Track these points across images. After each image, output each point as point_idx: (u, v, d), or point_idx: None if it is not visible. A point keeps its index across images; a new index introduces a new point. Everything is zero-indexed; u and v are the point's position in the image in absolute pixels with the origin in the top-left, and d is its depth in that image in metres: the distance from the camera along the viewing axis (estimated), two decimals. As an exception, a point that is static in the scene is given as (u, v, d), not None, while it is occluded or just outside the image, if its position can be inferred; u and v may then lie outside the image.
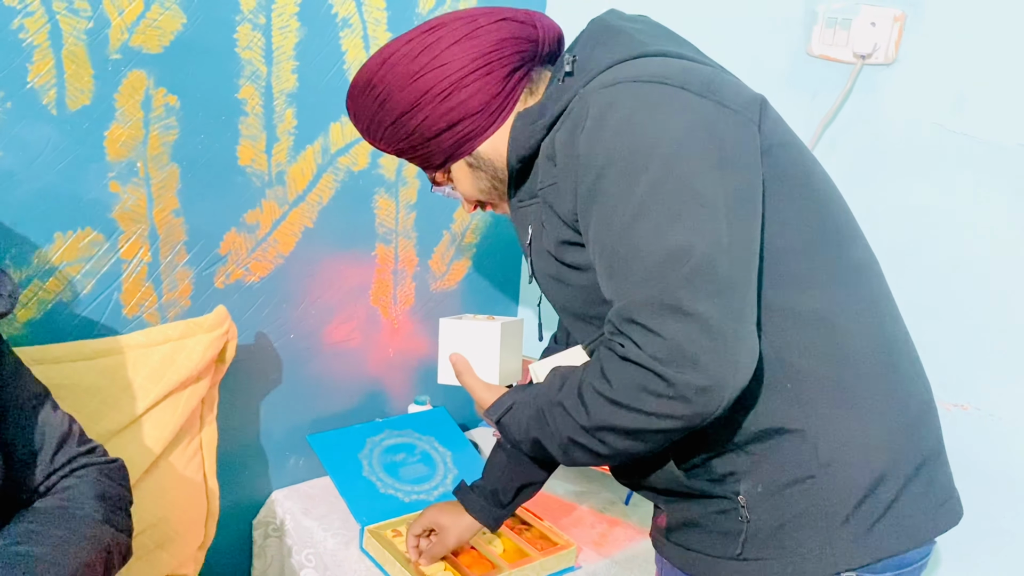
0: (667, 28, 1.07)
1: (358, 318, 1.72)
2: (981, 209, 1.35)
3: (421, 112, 1.00)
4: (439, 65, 0.99)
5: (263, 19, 1.43)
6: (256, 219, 1.52)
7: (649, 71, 0.92)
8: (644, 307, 0.84)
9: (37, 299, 1.32)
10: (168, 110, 1.37)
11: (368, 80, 1.03)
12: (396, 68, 1.00)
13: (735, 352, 0.83)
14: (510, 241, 1.95)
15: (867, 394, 0.94)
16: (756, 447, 0.94)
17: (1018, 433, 1.36)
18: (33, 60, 1.23)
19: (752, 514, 0.95)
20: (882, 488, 0.93)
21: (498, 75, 1.00)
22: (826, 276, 0.94)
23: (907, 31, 1.39)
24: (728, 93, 0.93)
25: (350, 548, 1.50)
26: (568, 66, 0.99)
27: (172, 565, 1.39)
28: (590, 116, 0.90)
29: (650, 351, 0.83)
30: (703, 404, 0.83)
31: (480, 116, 1.01)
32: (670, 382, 0.82)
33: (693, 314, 0.81)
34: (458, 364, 1.11)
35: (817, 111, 1.50)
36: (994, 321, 1.36)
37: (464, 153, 1.04)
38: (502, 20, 1.01)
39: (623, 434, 0.87)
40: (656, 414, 0.84)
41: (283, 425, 1.67)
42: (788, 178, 0.94)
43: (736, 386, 0.83)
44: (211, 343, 1.38)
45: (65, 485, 1.02)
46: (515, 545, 1.50)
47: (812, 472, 0.93)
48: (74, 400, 1.24)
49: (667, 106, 0.89)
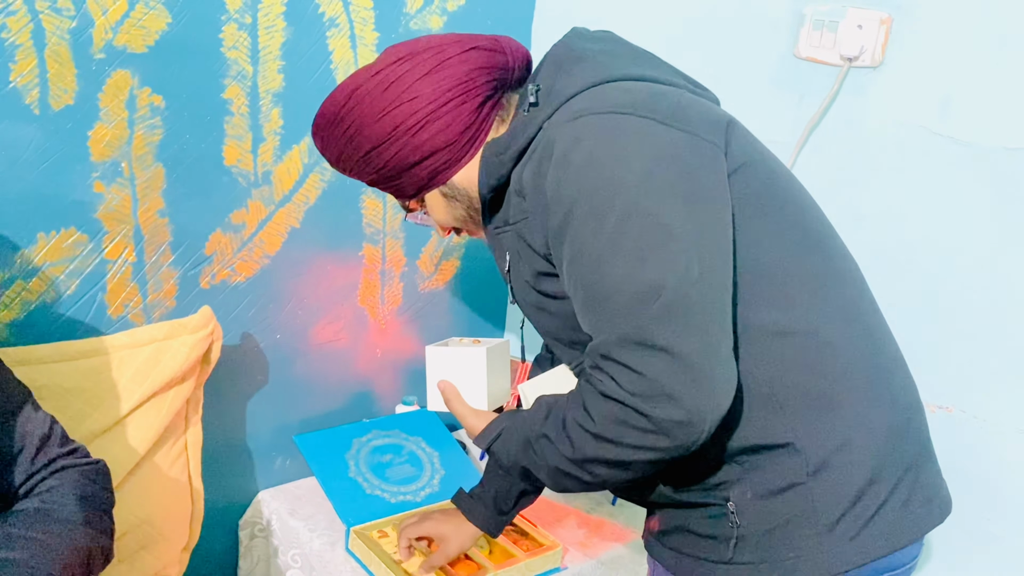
0: (630, 45, 1.07)
1: (345, 318, 1.72)
2: (966, 212, 1.36)
3: (393, 146, 1.00)
4: (409, 99, 0.98)
5: (249, 18, 1.43)
6: (242, 219, 1.52)
7: (612, 101, 0.93)
8: (620, 344, 0.85)
9: (20, 299, 1.31)
10: (153, 110, 1.36)
11: (335, 114, 1.02)
12: (364, 102, 0.99)
13: (712, 384, 0.84)
14: (498, 241, 1.95)
15: (853, 402, 0.95)
16: (745, 459, 0.95)
17: (1002, 435, 1.37)
18: (15, 59, 1.22)
19: (742, 519, 0.96)
20: (871, 491, 0.94)
21: (470, 106, 0.99)
22: (805, 290, 0.95)
23: (893, 34, 1.39)
24: (694, 118, 0.93)
25: (336, 549, 1.50)
26: (532, 96, 0.98)
27: (156, 566, 1.39)
28: (555, 153, 0.90)
29: (628, 387, 0.84)
30: (683, 436, 0.84)
31: (453, 147, 1.00)
32: (649, 417, 0.83)
33: (668, 350, 0.82)
34: (446, 391, 1.11)
35: (804, 113, 1.50)
36: (979, 324, 1.37)
37: (438, 183, 1.04)
38: (471, 50, 1.00)
39: (608, 465, 0.89)
40: (638, 447, 0.85)
41: (269, 425, 1.67)
42: (759, 196, 0.95)
43: (715, 417, 0.85)
44: (196, 344, 1.38)
45: (46, 487, 1.01)
46: (501, 546, 1.50)
47: (802, 479, 0.93)
48: (58, 401, 1.24)
49: (631, 138, 0.89)
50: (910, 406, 1.01)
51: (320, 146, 1.07)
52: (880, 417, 0.96)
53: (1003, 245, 1.33)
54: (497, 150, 0.99)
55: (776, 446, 0.93)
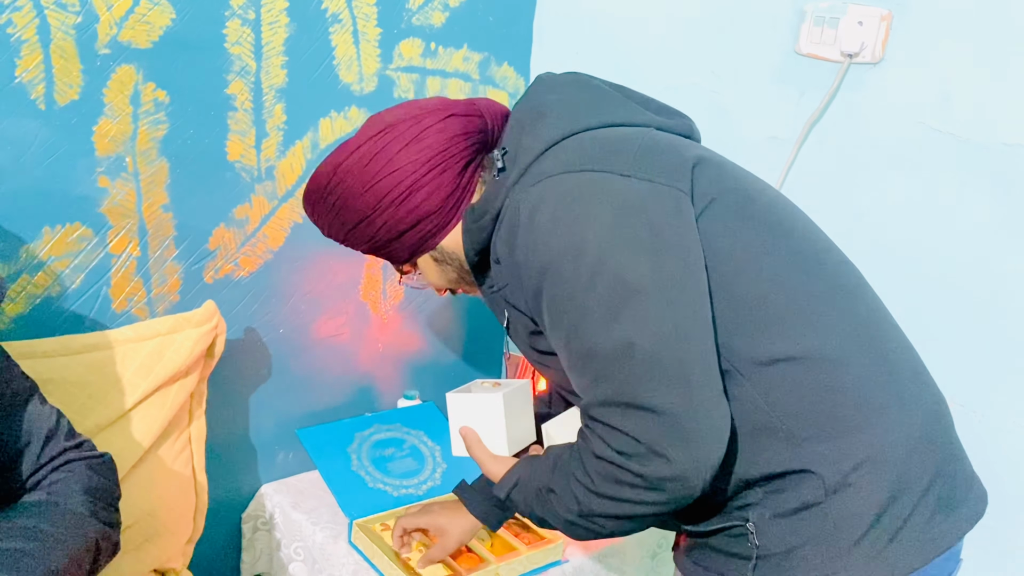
0: (595, 86, 1.07)
1: (347, 313, 1.72)
2: (965, 207, 1.37)
3: (380, 217, 1.02)
4: (391, 171, 1.00)
5: (252, 14, 1.43)
6: (245, 214, 1.52)
7: (571, 159, 0.94)
8: (603, 405, 0.87)
9: (26, 294, 1.32)
10: (157, 105, 1.37)
11: (322, 189, 1.05)
12: (348, 176, 1.02)
13: (699, 436, 0.84)
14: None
15: (869, 418, 0.93)
16: (763, 484, 0.94)
17: (1003, 430, 1.37)
18: (21, 55, 1.23)
19: (761, 539, 0.95)
20: (896, 506, 0.92)
21: (451, 173, 1.01)
22: (802, 314, 0.93)
23: (894, 30, 1.40)
24: (656, 165, 0.93)
25: (339, 542, 1.51)
26: (499, 162, 1.01)
27: (161, 559, 1.39)
28: (521, 220, 0.93)
29: (616, 447, 0.86)
30: (679, 490, 0.85)
31: (439, 214, 1.02)
32: (641, 476, 0.85)
33: (651, 408, 0.84)
34: (468, 437, 1.11)
35: (805, 109, 1.51)
36: (979, 318, 1.38)
37: (427, 249, 1.06)
38: (449, 117, 1.02)
39: (614, 518, 0.90)
40: (637, 502, 0.87)
41: (272, 419, 1.68)
42: (736, 228, 0.94)
43: (709, 466, 0.85)
44: (200, 338, 1.39)
45: (53, 480, 1.02)
46: (503, 539, 1.51)
47: (820, 500, 0.92)
48: (63, 395, 1.25)
49: (592, 196, 0.90)
50: (932, 413, 0.98)
51: (311, 217, 1.10)
52: (900, 431, 0.94)
53: (1003, 240, 1.34)
54: (474, 218, 1.01)
55: (791, 472, 0.92)
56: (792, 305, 0.93)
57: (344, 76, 1.57)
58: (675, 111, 1.10)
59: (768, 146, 1.55)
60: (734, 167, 1.02)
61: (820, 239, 1.02)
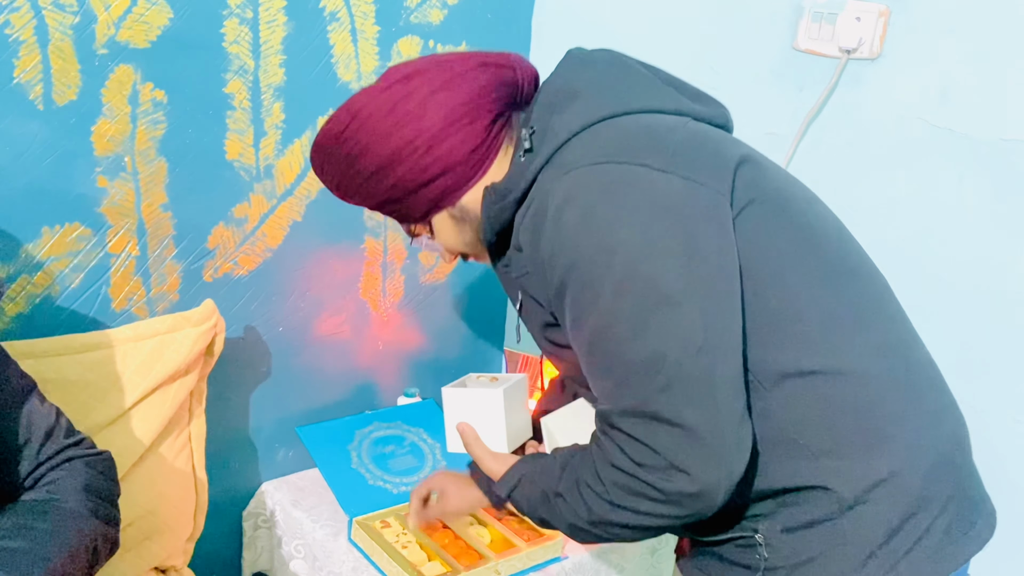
0: (630, 66, 0.99)
1: (347, 311, 1.73)
2: (964, 202, 1.36)
3: (400, 167, 0.95)
4: (417, 117, 0.93)
5: (250, 13, 1.43)
6: (244, 213, 1.53)
7: (606, 148, 0.88)
8: (625, 415, 0.83)
9: (26, 293, 1.33)
10: (155, 105, 1.37)
11: (339, 134, 0.97)
12: (369, 121, 0.94)
13: (722, 454, 0.82)
14: (499, 234, 1.96)
15: (891, 437, 0.90)
16: (775, 498, 0.92)
17: (999, 426, 1.38)
18: (19, 55, 1.23)
19: (770, 552, 0.92)
20: (911, 524, 0.90)
21: (480, 125, 0.94)
22: (831, 328, 0.89)
23: (891, 26, 1.40)
24: (696, 161, 0.88)
25: (339, 539, 1.52)
26: (527, 142, 0.94)
27: (161, 556, 1.40)
28: (549, 212, 0.87)
29: (637, 459, 0.83)
30: (697, 506, 0.83)
31: (463, 167, 0.95)
32: (660, 490, 0.82)
33: (675, 422, 0.81)
34: (465, 434, 1.07)
35: (803, 105, 1.50)
36: (976, 314, 1.38)
37: (446, 205, 0.99)
38: (481, 66, 0.96)
39: (624, 527, 0.88)
40: (652, 514, 0.85)
41: (272, 417, 1.68)
42: (778, 232, 0.90)
43: (729, 484, 0.83)
44: (199, 337, 1.39)
45: (52, 478, 1.03)
46: (502, 535, 1.52)
47: (833, 516, 0.89)
48: (63, 394, 1.25)
49: (626, 193, 0.85)
50: (954, 434, 0.96)
51: (319, 170, 1.03)
52: (922, 452, 0.91)
53: (1001, 235, 1.34)
54: (496, 198, 0.95)
55: (807, 487, 0.90)
56: (821, 319, 0.89)
57: (342, 74, 1.58)
58: (711, 98, 1.03)
59: (766, 142, 1.55)
60: (774, 167, 0.97)
61: (853, 249, 0.98)
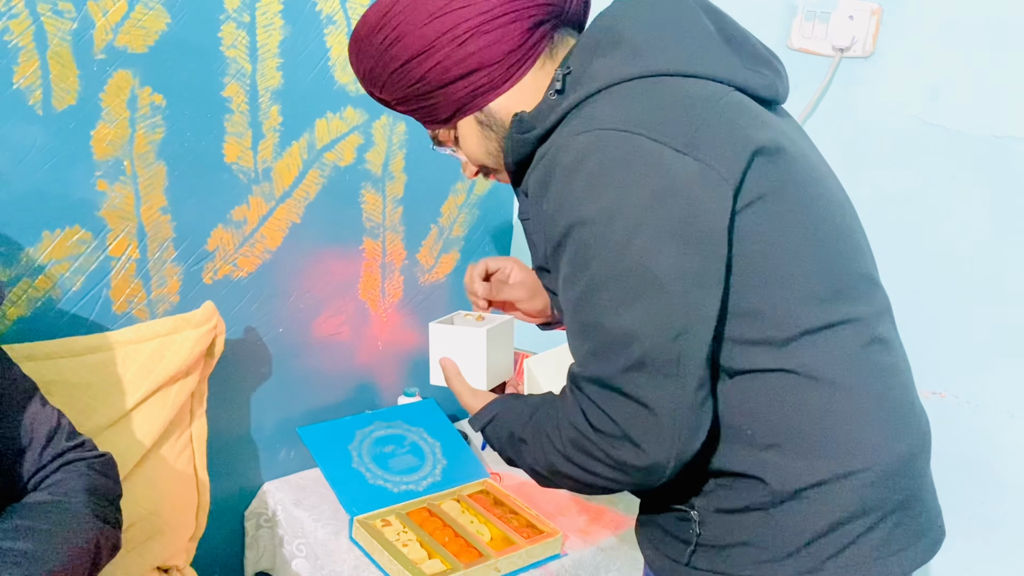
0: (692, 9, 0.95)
1: (347, 312, 1.74)
2: (957, 198, 1.37)
3: (434, 56, 0.92)
4: (461, 6, 0.90)
5: (247, 17, 1.44)
6: (243, 215, 1.54)
7: (631, 114, 0.86)
8: (593, 383, 0.86)
9: (27, 297, 1.34)
10: (154, 109, 1.39)
11: (380, 17, 0.94)
12: (409, 9, 0.92)
13: (678, 436, 0.84)
14: (498, 234, 1.97)
15: (840, 446, 0.91)
16: (716, 478, 0.95)
17: (994, 420, 1.38)
18: (18, 61, 1.24)
19: (703, 529, 0.96)
20: (847, 527, 0.91)
21: (521, 26, 0.92)
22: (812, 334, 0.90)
23: (884, 25, 1.41)
24: (715, 145, 0.86)
25: (340, 538, 1.53)
26: (559, 82, 0.93)
27: (164, 556, 1.41)
28: (557, 170, 0.87)
29: (595, 423, 0.86)
30: (642, 478, 0.87)
31: (498, 67, 0.93)
32: (611, 456, 0.86)
33: (638, 400, 0.83)
34: (447, 368, 1.11)
35: (797, 103, 1.51)
36: (971, 309, 1.38)
37: (475, 108, 0.97)
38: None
39: (575, 481, 0.92)
40: (598, 475, 0.89)
41: (274, 418, 1.70)
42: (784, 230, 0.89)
43: (678, 465, 0.86)
44: (199, 338, 1.40)
45: (54, 480, 1.04)
46: (502, 533, 1.53)
47: (766, 506, 0.92)
48: (65, 396, 1.27)
49: (637, 167, 0.84)
50: (914, 448, 0.96)
51: (353, 59, 1.00)
52: (874, 459, 0.91)
53: (994, 231, 1.35)
54: (521, 128, 0.95)
55: (744, 475, 0.92)
56: (801, 325, 0.89)
57: (339, 77, 1.59)
58: (766, 59, 0.98)
59: (761, 141, 1.55)
60: (801, 156, 0.94)
61: (864, 259, 0.98)
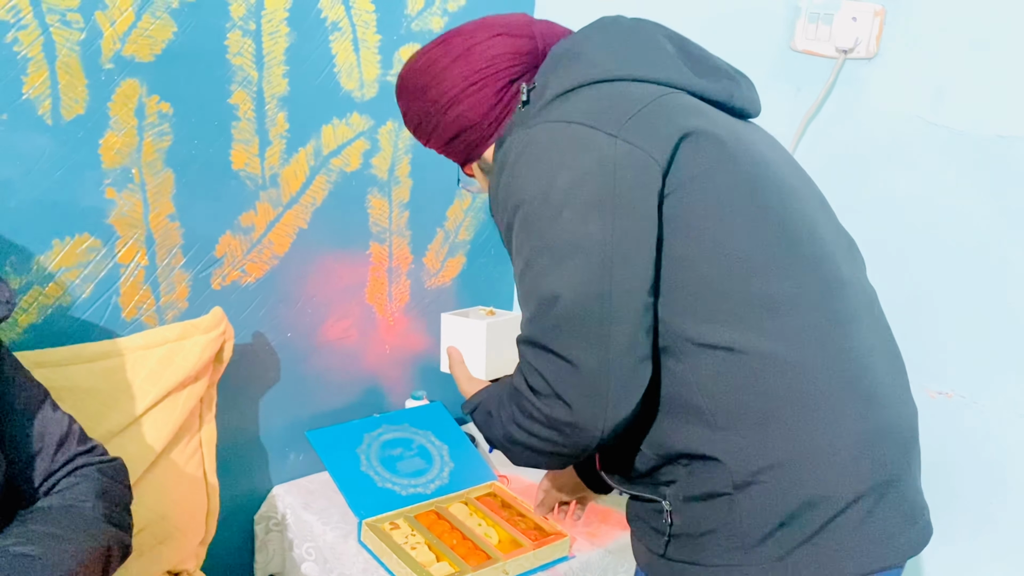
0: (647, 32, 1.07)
1: (354, 316, 1.75)
2: (962, 199, 1.37)
3: (431, 121, 1.10)
4: (440, 82, 1.07)
5: (253, 25, 1.46)
6: (251, 221, 1.55)
7: (574, 109, 0.96)
8: (527, 344, 0.94)
9: (37, 304, 1.35)
10: (161, 117, 1.40)
11: (399, 90, 1.14)
12: (409, 83, 1.11)
13: (606, 395, 0.89)
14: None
15: (795, 424, 0.92)
16: (682, 462, 0.97)
17: (999, 420, 1.38)
18: (28, 72, 1.26)
19: (675, 518, 0.99)
20: (810, 513, 0.92)
21: (490, 90, 1.06)
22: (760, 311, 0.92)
23: (887, 26, 1.41)
24: (645, 130, 0.93)
25: (349, 541, 1.54)
26: (524, 95, 1.05)
27: (174, 560, 1.43)
28: (508, 159, 0.97)
29: (531, 383, 0.93)
30: (576, 436, 0.92)
31: (479, 127, 1.08)
32: (544, 415, 0.92)
33: (565, 357, 0.90)
34: (452, 356, 1.23)
35: (801, 105, 1.52)
36: (977, 310, 1.38)
37: (475, 158, 1.13)
38: (497, 36, 1.07)
39: (525, 448, 0.98)
40: (540, 438, 0.95)
41: (282, 422, 1.71)
42: (727, 207, 0.94)
43: (610, 424, 0.90)
44: (208, 344, 1.42)
45: (66, 484, 1.05)
46: (510, 535, 1.53)
47: (727, 491, 0.94)
48: (75, 402, 1.28)
49: (571, 149, 0.93)
50: (883, 430, 0.96)
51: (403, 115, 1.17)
52: (835, 442, 0.93)
53: (999, 231, 1.35)
54: (497, 145, 1.07)
55: (705, 457, 0.94)
56: (752, 300, 0.92)
57: (345, 83, 1.60)
58: (727, 74, 1.08)
59: (765, 142, 1.56)
60: (745, 146, 0.99)
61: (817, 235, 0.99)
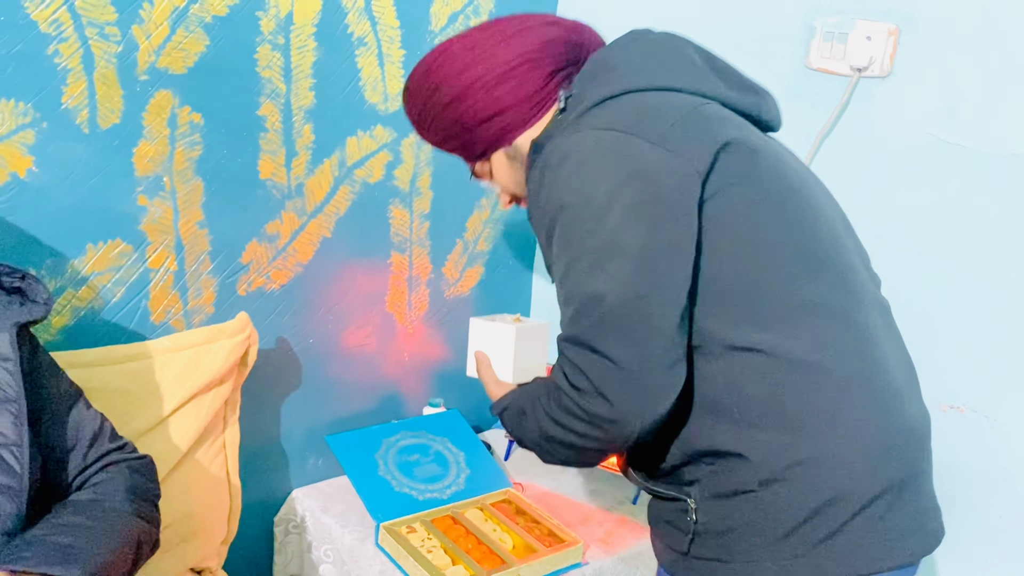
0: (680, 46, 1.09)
1: (374, 324, 1.78)
2: (974, 216, 1.39)
3: (469, 98, 1.09)
4: (488, 58, 1.08)
5: (282, 40, 1.50)
6: (276, 230, 1.59)
7: (615, 117, 0.99)
8: (570, 342, 0.96)
9: (71, 306, 1.40)
10: (193, 127, 1.44)
11: (423, 70, 1.13)
12: (450, 60, 1.10)
13: (644, 391, 0.92)
14: (521, 248, 2.01)
15: (818, 425, 0.95)
16: (707, 460, 1.00)
17: (1012, 435, 1.39)
18: (67, 83, 1.31)
19: (700, 516, 1.01)
20: (832, 510, 0.94)
21: (540, 72, 1.08)
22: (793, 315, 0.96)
23: (901, 45, 1.43)
24: (685, 139, 0.96)
25: (366, 544, 1.56)
26: (562, 102, 1.07)
27: (196, 558, 1.46)
28: (551, 163, 0.99)
29: (572, 381, 0.95)
30: (615, 433, 0.94)
31: (520, 108, 1.09)
32: (584, 410, 0.94)
33: (607, 355, 0.92)
34: (480, 360, 1.23)
35: (816, 122, 1.54)
36: (989, 324, 1.40)
37: (503, 143, 1.12)
38: (550, 24, 1.10)
39: (561, 445, 1.00)
40: (579, 433, 0.97)
41: (303, 426, 1.74)
42: (761, 215, 0.97)
43: (647, 420, 0.93)
44: (234, 348, 1.45)
45: (98, 479, 1.09)
46: (524, 541, 1.55)
47: (752, 488, 0.96)
48: (105, 402, 1.31)
49: (615, 155, 0.96)
50: (901, 431, 0.99)
51: (406, 104, 1.18)
52: (859, 440, 0.95)
53: (1012, 248, 1.36)
54: (535, 150, 1.07)
55: (731, 454, 0.97)
56: (784, 305, 0.96)
57: (370, 96, 1.64)
58: (753, 88, 1.13)
59: (780, 158, 1.58)
60: (776, 157, 1.03)
61: (845, 251, 1.03)
